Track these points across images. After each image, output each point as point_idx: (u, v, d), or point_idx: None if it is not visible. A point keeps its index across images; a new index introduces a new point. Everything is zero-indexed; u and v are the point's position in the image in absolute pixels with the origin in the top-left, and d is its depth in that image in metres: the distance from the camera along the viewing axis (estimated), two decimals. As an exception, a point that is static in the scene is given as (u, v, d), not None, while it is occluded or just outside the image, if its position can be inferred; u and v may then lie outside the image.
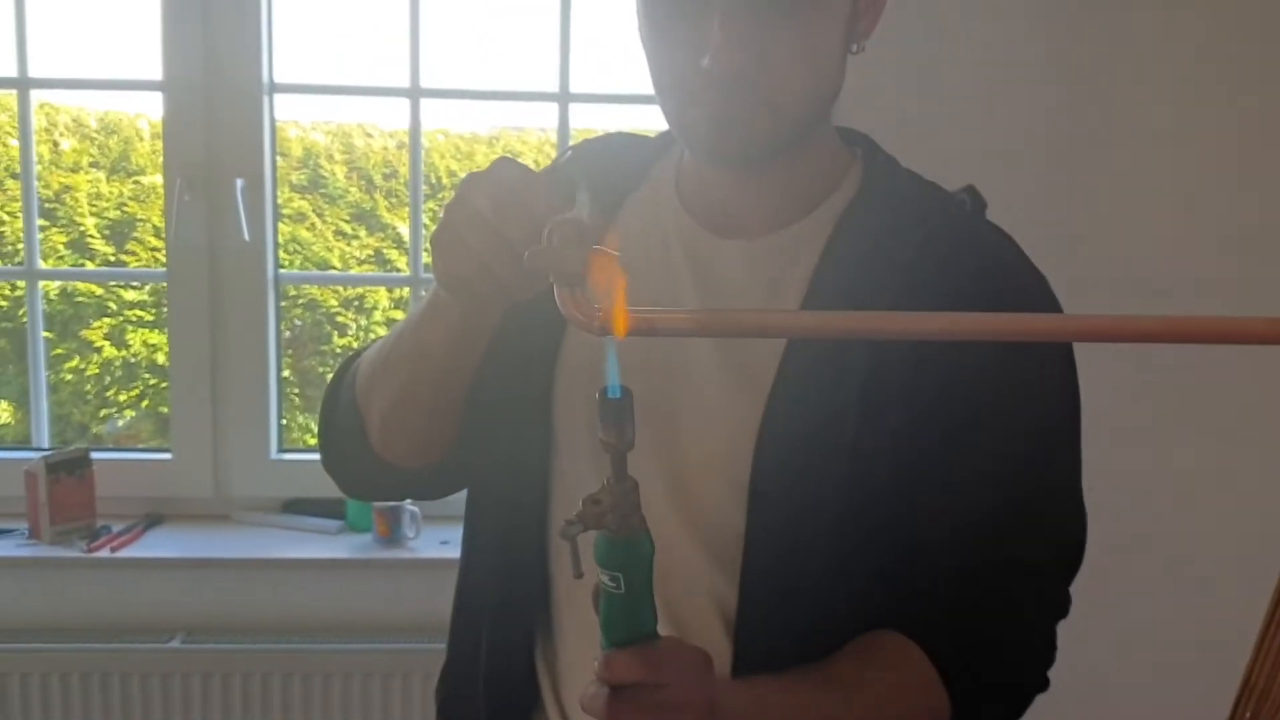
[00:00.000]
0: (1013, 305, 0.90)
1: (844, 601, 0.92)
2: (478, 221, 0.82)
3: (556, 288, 0.68)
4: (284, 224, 4.63)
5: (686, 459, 0.95)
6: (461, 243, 0.83)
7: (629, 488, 0.73)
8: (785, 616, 0.93)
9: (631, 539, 0.72)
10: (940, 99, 2.00)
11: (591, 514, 0.72)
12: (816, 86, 0.91)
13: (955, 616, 0.91)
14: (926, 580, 0.92)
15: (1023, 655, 0.95)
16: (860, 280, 0.92)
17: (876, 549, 0.92)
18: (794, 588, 0.92)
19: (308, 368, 4.91)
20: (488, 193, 0.82)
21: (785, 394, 0.92)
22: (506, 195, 0.81)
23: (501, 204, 0.81)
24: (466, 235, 0.82)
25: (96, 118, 4.96)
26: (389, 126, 5.05)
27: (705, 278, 0.97)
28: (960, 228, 0.96)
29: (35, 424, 2.34)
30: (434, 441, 1.02)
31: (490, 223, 0.81)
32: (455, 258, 0.83)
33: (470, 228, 0.82)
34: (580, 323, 0.67)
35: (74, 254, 4.74)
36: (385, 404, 0.99)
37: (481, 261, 0.82)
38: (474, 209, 0.82)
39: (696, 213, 0.99)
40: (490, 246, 0.81)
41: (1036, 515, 0.93)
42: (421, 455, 1.03)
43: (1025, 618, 0.94)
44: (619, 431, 0.71)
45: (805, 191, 0.97)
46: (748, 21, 0.85)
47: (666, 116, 0.94)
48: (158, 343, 4.61)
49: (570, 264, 0.68)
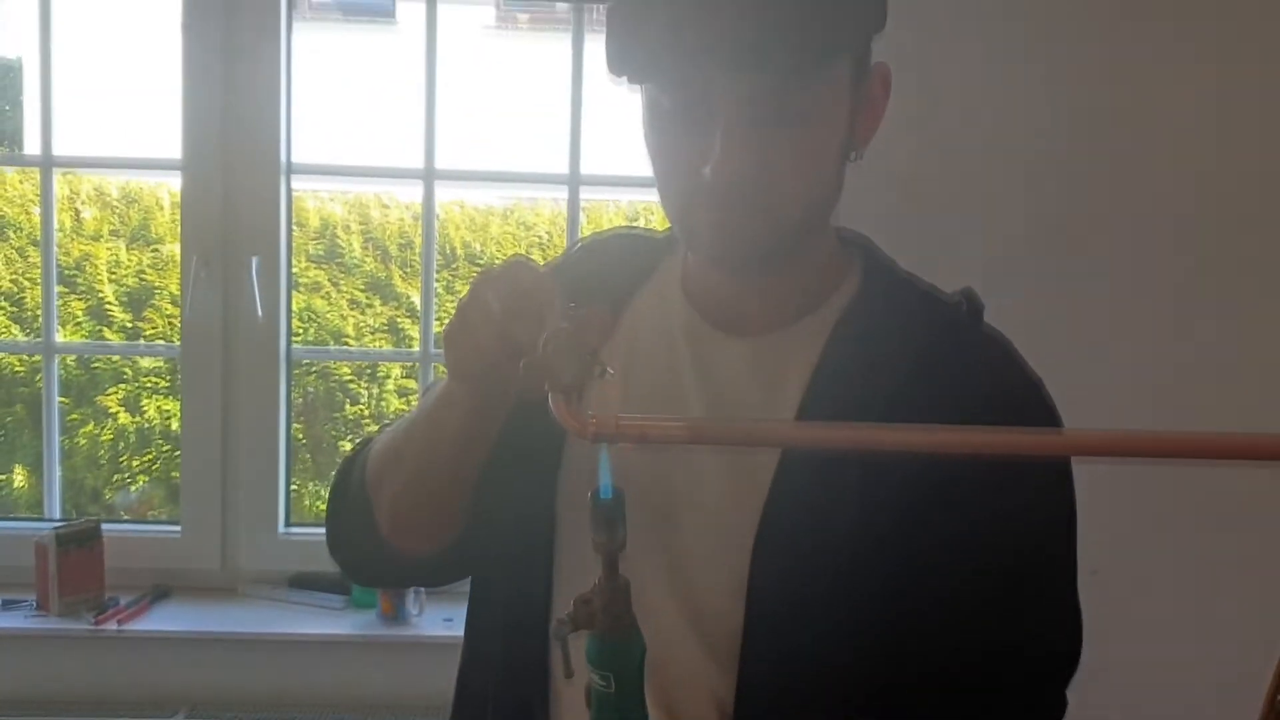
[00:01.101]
0: (1008, 417, 0.91)
1: (840, 696, 0.93)
2: (488, 321, 0.84)
3: (550, 396, 0.71)
4: (299, 294, 4.68)
5: (687, 552, 0.96)
6: (472, 340, 0.85)
7: (620, 588, 0.74)
8: (782, 709, 0.93)
9: (622, 640, 0.74)
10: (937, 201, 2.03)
11: (582, 614, 0.74)
12: (815, 194, 0.94)
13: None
14: (916, 683, 0.92)
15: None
16: (856, 386, 0.94)
17: (871, 647, 0.93)
18: (791, 681, 0.93)
19: (320, 434, 4.93)
20: (499, 293, 0.84)
21: (784, 491, 0.93)
22: (517, 298, 0.83)
23: (512, 306, 0.83)
24: (477, 333, 0.85)
25: (118, 187, 5.04)
26: (406, 199, 5.12)
27: (708, 375, 0.99)
28: (957, 336, 0.98)
29: (48, 495, 2.36)
30: (442, 528, 1.03)
31: (500, 323, 0.83)
32: (465, 354, 0.86)
33: (481, 326, 0.84)
34: (574, 430, 0.70)
35: (92, 321, 4.79)
36: (397, 489, 1.00)
37: (490, 360, 0.84)
38: (485, 308, 0.84)
39: (701, 309, 1.01)
40: (498, 346, 0.83)
41: (1031, 624, 0.93)
42: (429, 542, 1.04)
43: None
44: (610, 532, 0.73)
45: (805, 293, 1.00)
46: (748, 133, 0.88)
47: (670, 219, 0.97)
48: (172, 410, 4.64)
49: (563, 373, 0.70)
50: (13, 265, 4.83)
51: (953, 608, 0.92)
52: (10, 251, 4.87)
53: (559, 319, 0.78)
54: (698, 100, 0.89)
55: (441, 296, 4.91)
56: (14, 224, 4.90)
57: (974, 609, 0.92)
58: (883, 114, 0.98)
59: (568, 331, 0.74)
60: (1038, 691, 0.95)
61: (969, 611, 0.92)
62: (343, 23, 9.12)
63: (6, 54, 10.41)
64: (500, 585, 1.05)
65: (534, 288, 0.83)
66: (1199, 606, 2.13)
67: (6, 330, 4.79)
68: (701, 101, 0.89)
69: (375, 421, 4.85)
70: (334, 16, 9.09)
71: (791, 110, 0.89)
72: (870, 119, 0.97)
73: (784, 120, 0.89)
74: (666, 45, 0.87)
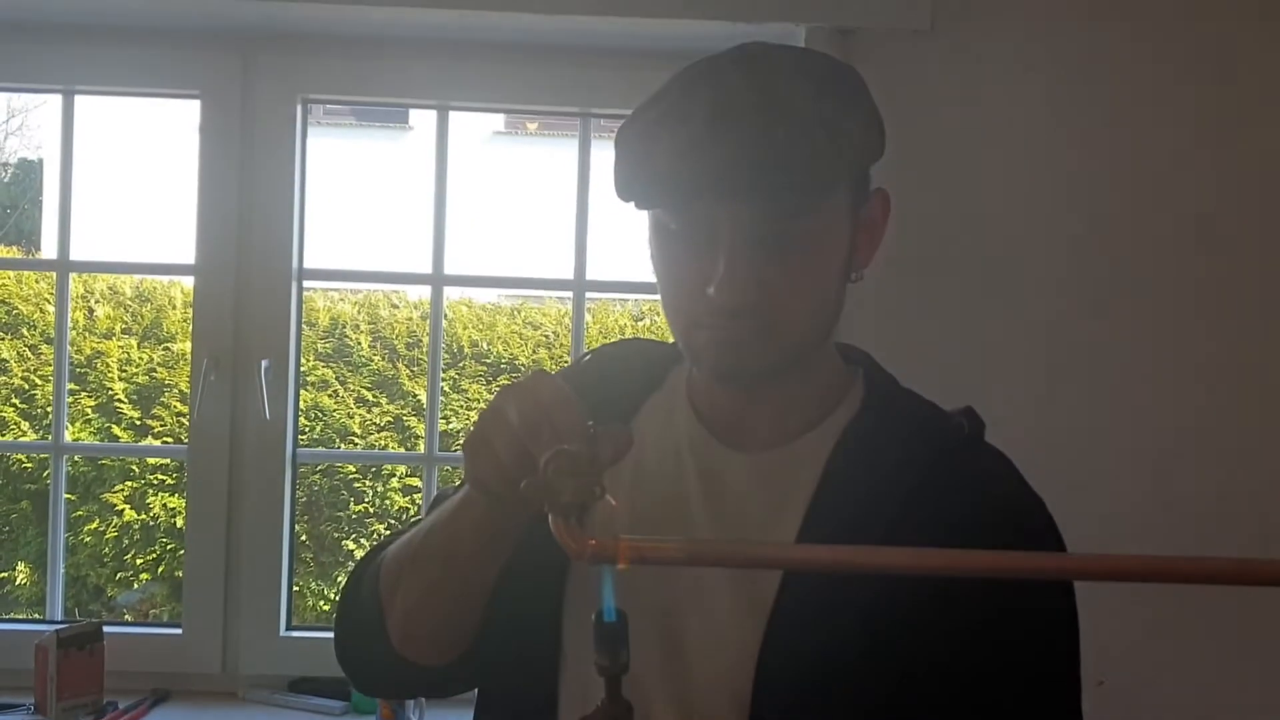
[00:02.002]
0: (1010, 537, 0.90)
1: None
2: (506, 433, 0.85)
3: (551, 516, 0.72)
4: (307, 392, 4.71)
5: (692, 675, 0.96)
6: (490, 451, 0.86)
7: (621, 711, 0.74)
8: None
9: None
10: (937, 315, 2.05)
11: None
12: (816, 314, 0.96)
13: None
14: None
15: None
16: (858, 505, 0.95)
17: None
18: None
19: (323, 533, 4.92)
20: (519, 408, 0.85)
21: (786, 615, 0.93)
22: (537, 412, 0.84)
23: (530, 421, 0.84)
24: (495, 445, 0.85)
25: (131, 285, 5.11)
26: (414, 297, 5.19)
27: (713, 488, 1.00)
28: (958, 455, 0.99)
29: (50, 594, 2.35)
30: (454, 639, 1.03)
31: (518, 437, 0.84)
32: (483, 465, 0.87)
33: (499, 438, 0.85)
34: (572, 551, 0.70)
35: (101, 417, 4.82)
36: (411, 598, 1.00)
37: (507, 475, 0.84)
38: (504, 421, 0.85)
39: (707, 422, 1.03)
40: (515, 460, 0.84)
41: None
42: (440, 653, 1.04)
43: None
44: (613, 655, 0.73)
45: (807, 409, 1.01)
46: (751, 255, 0.91)
47: (674, 336, 0.99)
48: (177, 506, 4.65)
49: (563, 494, 0.71)
50: (25, 362, 4.88)
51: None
52: (23, 348, 4.92)
53: (576, 437, 0.78)
54: (701, 225, 0.92)
55: (448, 395, 4.94)
56: (28, 321, 4.96)
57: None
58: (882, 236, 1.01)
59: (569, 453, 0.75)
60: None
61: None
62: (356, 128, 9.33)
63: (28, 154, 10.65)
64: (505, 700, 1.04)
65: (554, 405, 0.84)
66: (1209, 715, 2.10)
67: (16, 427, 4.82)
68: (705, 226, 0.91)
69: (379, 520, 4.84)
70: (348, 122, 9.30)
71: (792, 235, 0.92)
72: (870, 241, 1.00)
73: (785, 244, 0.92)
74: (670, 175, 0.90)
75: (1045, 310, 2.06)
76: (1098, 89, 2.04)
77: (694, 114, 0.89)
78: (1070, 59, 2.04)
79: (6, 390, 4.88)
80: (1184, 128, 2.05)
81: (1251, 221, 2.06)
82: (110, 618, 4.78)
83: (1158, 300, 2.06)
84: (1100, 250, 2.05)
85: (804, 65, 0.94)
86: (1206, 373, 2.06)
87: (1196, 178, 2.05)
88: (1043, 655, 0.96)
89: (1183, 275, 2.06)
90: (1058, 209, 2.05)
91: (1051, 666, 0.96)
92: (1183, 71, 2.05)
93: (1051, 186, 2.05)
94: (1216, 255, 2.06)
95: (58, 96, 2.27)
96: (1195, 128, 2.05)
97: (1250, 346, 2.07)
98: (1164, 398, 2.06)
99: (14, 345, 4.97)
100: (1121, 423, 2.06)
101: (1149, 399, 2.06)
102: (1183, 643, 2.06)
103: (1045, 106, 2.04)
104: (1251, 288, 2.07)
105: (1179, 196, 2.05)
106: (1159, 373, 2.06)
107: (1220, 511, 2.02)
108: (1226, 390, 2.07)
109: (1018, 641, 0.93)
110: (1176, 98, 2.04)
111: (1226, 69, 2.05)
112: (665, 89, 0.94)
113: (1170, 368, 2.06)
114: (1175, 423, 2.06)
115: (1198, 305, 2.06)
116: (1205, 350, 2.06)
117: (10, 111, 10.30)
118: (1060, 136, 2.05)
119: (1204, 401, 2.06)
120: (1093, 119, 2.05)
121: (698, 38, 2.02)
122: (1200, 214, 2.06)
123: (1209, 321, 2.06)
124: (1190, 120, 2.05)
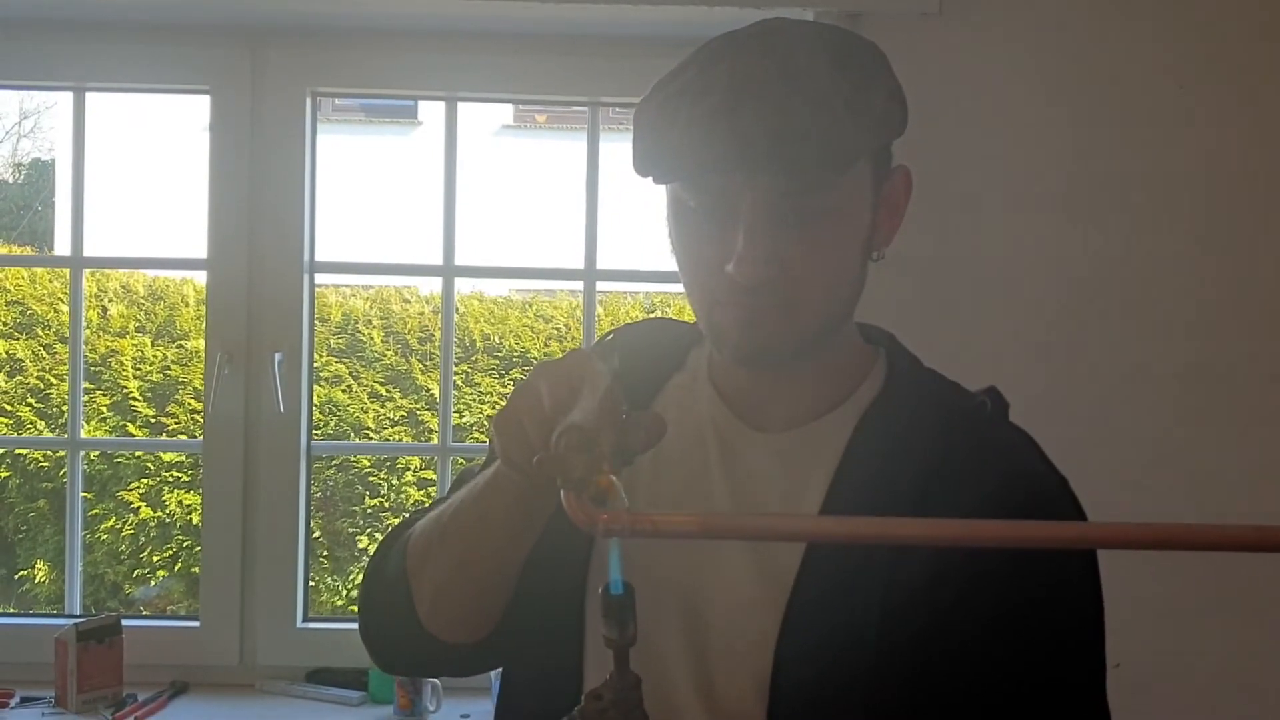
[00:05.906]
0: (1033, 514, 0.90)
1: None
2: (536, 411, 0.84)
3: (562, 491, 0.72)
4: (320, 387, 4.73)
5: (711, 650, 0.96)
6: (519, 429, 0.85)
7: (631, 684, 0.74)
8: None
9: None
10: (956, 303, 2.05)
11: (592, 710, 0.73)
12: (837, 292, 0.96)
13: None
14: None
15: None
16: (880, 484, 0.94)
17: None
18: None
19: (338, 529, 4.93)
20: (550, 386, 0.84)
21: (807, 590, 0.93)
22: (567, 392, 0.83)
23: (560, 399, 0.83)
24: (524, 422, 0.84)
25: (145, 284, 5.13)
26: (426, 291, 5.20)
27: (735, 468, 1.00)
28: (981, 435, 0.98)
29: (69, 590, 2.37)
30: (483, 616, 1.02)
31: (547, 415, 0.83)
32: (512, 441, 0.86)
33: (528, 416, 0.84)
34: (583, 524, 0.71)
35: (116, 415, 4.85)
36: (440, 575, 0.99)
37: (535, 451, 0.83)
38: (535, 398, 0.84)
39: (729, 402, 1.02)
40: (543, 437, 0.82)
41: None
42: (469, 631, 1.02)
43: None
44: (621, 628, 0.73)
45: (829, 388, 1.00)
46: (771, 233, 0.90)
47: (695, 315, 0.99)
48: (193, 503, 4.67)
49: (574, 469, 0.72)
50: (40, 361, 4.91)
51: (981, 709, 0.91)
52: (38, 347, 4.95)
53: (604, 422, 0.77)
54: (720, 200, 0.91)
55: (460, 389, 4.95)
56: (43, 320, 4.99)
57: (1000, 708, 0.91)
58: (903, 214, 1.00)
59: (580, 428, 0.75)
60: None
61: (997, 711, 0.91)
62: (366, 123, 9.34)
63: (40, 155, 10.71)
64: (530, 678, 1.04)
65: (585, 383, 0.83)
66: (1226, 700, 2.09)
67: (32, 426, 4.85)
68: (724, 201, 0.91)
69: (394, 515, 4.85)
70: (357, 117, 9.32)
71: (813, 211, 0.91)
72: (891, 219, 0.99)
73: (806, 220, 0.91)
74: (689, 149, 0.89)
75: (1050, 292, 2.05)
76: (1106, 74, 2.04)
77: (713, 87, 0.89)
78: (1079, 43, 2.03)
79: (23, 390, 4.91)
80: (1194, 112, 2.04)
81: (1257, 219, 2.05)
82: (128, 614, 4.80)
83: (1161, 287, 2.05)
84: (1106, 235, 2.05)
85: (823, 39, 0.93)
86: (1208, 372, 2.05)
87: (1206, 161, 2.04)
88: (1064, 634, 0.95)
89: (1186, 265, 2.05)
90: (1065, 193, 2.05)
91: (1075, 644, 0.95)
92: (1192, 55, 2.04)
93: (1059, 171, 2.05)
94: (1223, 250, 2.05)
95: (69, 97, 2.28)
96: (1205, 114, 2.04)
97: (1254, 344, 2.06)
98: (1164, 397, 2.05)
99: (29, 345, 5.00)
100: (1122, 422, 2.05)
101: (1149, 398, 2.06)
102: (1198, 624, 2.05)
103: (1054, 91, 2.04)
104: (1256, 285, 2.06)
105: (1188, 180, 2.04)
106: (1159, 373, 2.06)
107: (1220, 512, 2.01)
108: (1227, 390, 2.06)
109: (1039, 622, 0.92)
110: (1187, 83, 2.03)
111: (1237, 53, 2.04)
112: (685, 64, 0.93)
113: (1171, 368, 2.06)
114: (1175, 423, 2.05)
115: (1198, 305, 2.06)
116: (1207, 350, 2.05)
117: (23, 113, 10.36)
118: (1068, 120, 2.04)
119: (1205, 401, 2.05)
120: (1101, 104, 2.04)
121: (707, 25, 2.02)
122: (1209, 205, 2.05)
123: (1209, 321, 2.06)
124: (1200, 107, 2.04)
